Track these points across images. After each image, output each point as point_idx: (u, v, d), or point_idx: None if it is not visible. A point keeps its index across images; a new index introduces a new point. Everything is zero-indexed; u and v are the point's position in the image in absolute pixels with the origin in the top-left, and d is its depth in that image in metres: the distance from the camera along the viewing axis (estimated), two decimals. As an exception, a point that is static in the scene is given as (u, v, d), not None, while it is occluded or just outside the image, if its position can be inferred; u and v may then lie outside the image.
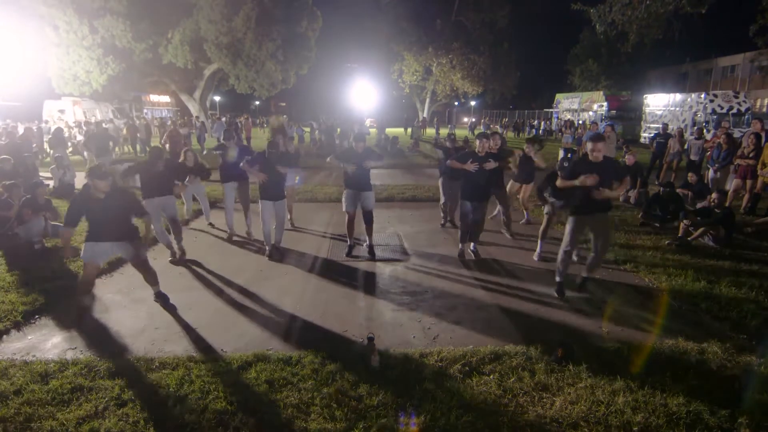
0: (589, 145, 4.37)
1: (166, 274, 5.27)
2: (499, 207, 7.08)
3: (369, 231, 5.92)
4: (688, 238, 6.29)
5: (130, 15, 21.42)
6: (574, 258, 5.31)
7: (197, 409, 2.88)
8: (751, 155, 7.94)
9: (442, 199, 7.33)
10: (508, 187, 7.00)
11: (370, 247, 5.92)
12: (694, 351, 3.53)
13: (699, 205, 7.07)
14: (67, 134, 15.68)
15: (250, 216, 6.71)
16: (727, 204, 6.68)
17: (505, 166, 6.08)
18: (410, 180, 12.27)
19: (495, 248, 6.33)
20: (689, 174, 8.36)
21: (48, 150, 12.43)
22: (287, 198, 6.28)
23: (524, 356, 3.46)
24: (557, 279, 4.68)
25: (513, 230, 6.78)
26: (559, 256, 4.61)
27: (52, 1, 20.25)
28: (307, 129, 27.06)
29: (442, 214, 7.49)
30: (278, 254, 5.90)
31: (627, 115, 27.35)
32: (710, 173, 9.08)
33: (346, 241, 6.10)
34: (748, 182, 8.03)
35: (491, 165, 5.44)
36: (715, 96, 20.86)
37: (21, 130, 16.18)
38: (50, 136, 12.22)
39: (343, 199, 5.79)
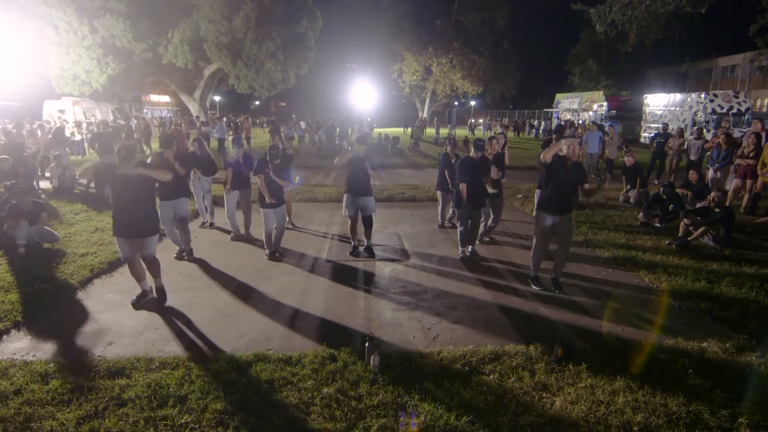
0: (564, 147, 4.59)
1: (166, 274, 5.27)
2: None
3: (368, 235, 6.03)
4: (688, 238, 6.29)
5: (130, 15, 21.40)
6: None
7: (197, 408, 2.88)
8: (750, 155, 7.94)
9: (440, 205, 7.47)
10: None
11: (369, 248, 6.02)
12: (694, 351, 3.53)
13: (699, 205, 7.08)
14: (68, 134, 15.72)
15: (250, 218, 6.72)
16: (726, 204, 6.68)
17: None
18: (410, 180, 12.28)
19: (495, 248, 6.33)
20: (690, 171, 8.37)
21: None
22: (286, 200, 6.37)
23: (524, 356, 3.46)
24: (532, 273, 4.98)
25: (507, 230, 6.73)
26: (533, 257, 4.95)
27: (52, 1, 20.24)
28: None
29: (440, 218, 7.54)
30: (278, 255, 5.95)
31: (627, 115, 27.33)
32: (710, 173, 9.08)
33: (349, 242, 6.24)
34: (748, 182, 8.03)
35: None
36: (715, 96, 20.87)
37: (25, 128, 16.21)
38: (50, 136, 12.19)
39: (344, 203, 5.87)
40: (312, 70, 28.73)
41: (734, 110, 20.07)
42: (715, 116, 19.67)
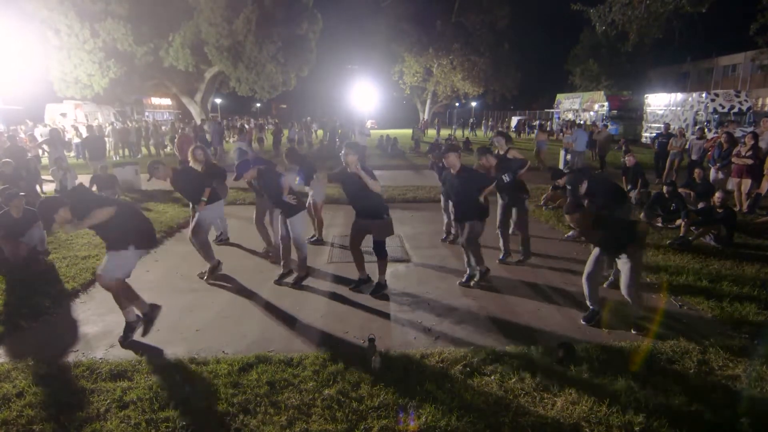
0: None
1: (167, 276, 5.30)
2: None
3: (381, 267, 4.79)
4: (690, 238, 6.28)
5: (131, 18, 21.48)
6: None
7: (199, 410, 2.89)
8: (747, 155, 7.96)
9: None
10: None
11: (378, 285, 4.81)
12: (694, 351, 3.52)
13: (700, 205, 7.06)
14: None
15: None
16: (744, 206, 6.63)
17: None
18: (411, 181, 12.27)
19: (496, 250, 6.30)
20: (695, 170, 8.34)
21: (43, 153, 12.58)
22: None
23: (525, 357, 3.46)
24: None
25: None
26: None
27: (53, 5, 20.32)
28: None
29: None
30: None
31: (628, 115, 27.31)
32: (711, 173, 9.07)
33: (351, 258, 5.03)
34: (743, 181, 8.04)
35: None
36: (717, 95, 20.85)
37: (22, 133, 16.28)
38: (47, 138, 12.17)
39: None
40: (313, 71, 28.74)
41: (735, 110, 20.05)
42: (716, 116, 19.65)
